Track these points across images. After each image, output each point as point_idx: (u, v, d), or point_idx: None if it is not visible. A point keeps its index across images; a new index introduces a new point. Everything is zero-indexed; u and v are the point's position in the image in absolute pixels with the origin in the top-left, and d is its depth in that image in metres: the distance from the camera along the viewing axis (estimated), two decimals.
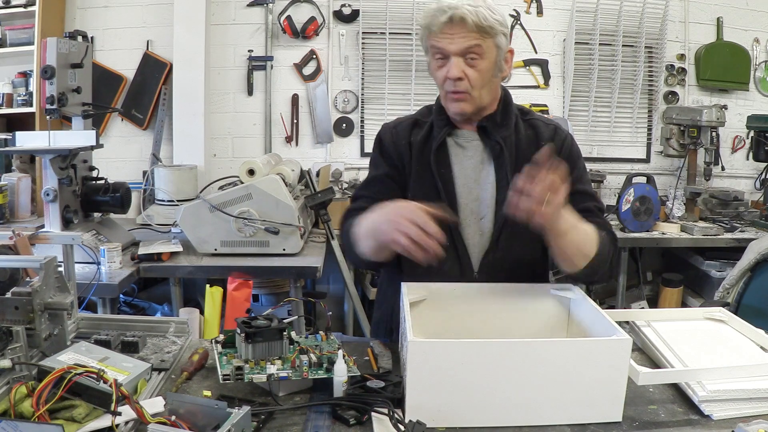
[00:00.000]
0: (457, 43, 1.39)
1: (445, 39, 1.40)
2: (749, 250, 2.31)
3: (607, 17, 3.74)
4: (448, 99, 1.46)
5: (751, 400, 1.15)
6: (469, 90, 1.43)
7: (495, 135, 1.50)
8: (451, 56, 1.40)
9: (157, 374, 1.26)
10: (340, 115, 3.74)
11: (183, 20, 3.47)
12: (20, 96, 3.43)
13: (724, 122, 3.42)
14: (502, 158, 1.49)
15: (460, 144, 1.54)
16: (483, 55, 1.41)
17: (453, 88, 1.43)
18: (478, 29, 1.38)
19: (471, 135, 1.54)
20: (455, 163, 1.52)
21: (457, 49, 1.39)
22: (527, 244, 1.50)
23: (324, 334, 1.35)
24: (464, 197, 1.51)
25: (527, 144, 1.52)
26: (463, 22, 1.37)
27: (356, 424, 1.10)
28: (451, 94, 1.44)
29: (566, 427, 1.11)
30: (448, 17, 1.38)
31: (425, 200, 1.46)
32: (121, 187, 2.64)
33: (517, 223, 1.43)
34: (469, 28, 1.38)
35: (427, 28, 1.43)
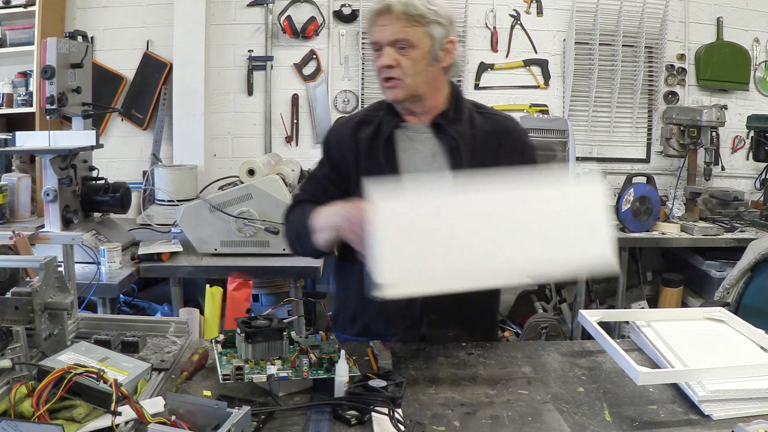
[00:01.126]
0: (386, 33, 1.44)
1: (377, 30, 1.45)
2: (749, 250, 2.31)
3: (607, 17, 3.74)
4: (383, 87, 1.50)
5: (751, 400, 1.15)
6: (402, 77, 1.45)
7: (449, 130, 1.51)
8: (384, 46, 1.44)
9: (157, 374, 1.26)
10: (340, 115, 3.74)
11: (183, 20, 3.47)
12: (20, 96, 3.43)
13: (724, 122, 3.41)
14: (457, 152, 1.50)
15: (409, 137, 1.55)
16: (413, 43, 1.44)
17: (385, 75, 1.46)
18: (406, 18, 1.42)
19: (421, 128, 1.55)
20: (404, 157, 1.53)
21: (386, 38, 1.44)
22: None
23: (324, 334, 1.35)
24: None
25: (484, 138, 1.53)
26: (390, 11, 1.42)
27: (357, 424, 1.10)
28: (384, 82, 1.48)
29: (566, 427, 1.11)
30: (379, 8, 1.44)
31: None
32: (121, 187, 2.64)
33: None
34: (396, 17, 1.42)
35: (366, 20, 1.50)
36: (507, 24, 3.74)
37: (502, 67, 3.76)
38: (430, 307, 1.51)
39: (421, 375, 1.32)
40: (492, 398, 1.22)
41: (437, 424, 1.12)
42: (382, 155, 1.51)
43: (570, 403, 1.20)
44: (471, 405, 1.19)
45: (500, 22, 3.73)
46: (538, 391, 1.25)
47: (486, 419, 1.14)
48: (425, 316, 1.52)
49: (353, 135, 1.56)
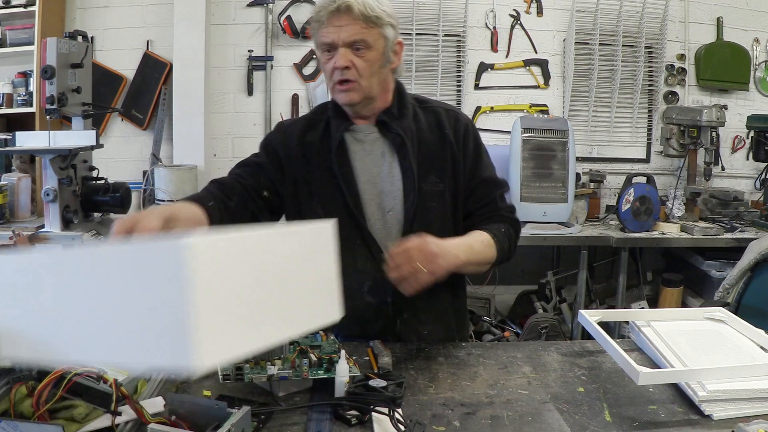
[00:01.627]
0: (344, 33, 1.40)
1: (332, 30, 1.40)
2: (749, 250, 2.31)
3: (607, 17, 3.74)
4: (335, 90, 1.46)
5: (751, 400, 1.15)
6: (357, 79, 1.43)
7: (394, 127, 1.50)
8: (339, 47, 1.41)
9: (157, 374, 1.26)
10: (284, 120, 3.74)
11: (183, 20, 3.47)
12: (20, 96, 3.43)
13: (724, 122, 3.41)
14: (404, 149, 1.49)
15: (358, 139, 1.53)
16: (369, 45, 1.42)
17: (340, 77, 1.43)
18: (364, 19, 1.39)
19: (368, 129, 1.53)
20: (356, 159, 1.51)
21: (343, 38, 1.40)
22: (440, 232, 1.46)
23: (324, 334, 1.35)
24: (368, 192, 1.51)
25: (429, 131, 1.53)
26: (349, 11, 1.39)
27: (357, 424, 1.10)
28: (338, 85, 1.44)
29: (566, 427, 1.11)
30: (335, 7, 1.39)
31: (331, 200, 1.50)
32: (121, 187, 2.64)
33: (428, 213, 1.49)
34: (355, 17, 1.39)
35: (316, 21, 1.44)
36: (507, 24, 3.74)
37: (502, 67, 3.76)
38: (402, 306, 1.50)
39: (421, 375, 1.32)
40: (492, 398, 1.22)
41: (437, 424, 1.12)
42: (335, 160, 1.49)
43: (570, 403, 1.20)
44: (471, 405, 1.19)
45: (500, 22, 3.73)
46: (538, 391, 1.25)
47: (486, 419, 1.14)
48: (398, 316, 1.52)
49: (300, 138, 1.54)
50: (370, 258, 1.49)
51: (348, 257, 1.46)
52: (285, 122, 1.64)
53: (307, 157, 1.52)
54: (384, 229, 1.50)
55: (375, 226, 1.50)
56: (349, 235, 1.47)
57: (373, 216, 1.50)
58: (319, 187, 1.51)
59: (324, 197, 1.50)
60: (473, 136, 1.57)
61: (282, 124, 1.63)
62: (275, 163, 1.55)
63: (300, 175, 1.52)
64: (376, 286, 1.49)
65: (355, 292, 1.49)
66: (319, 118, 1.57)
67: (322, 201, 1.50)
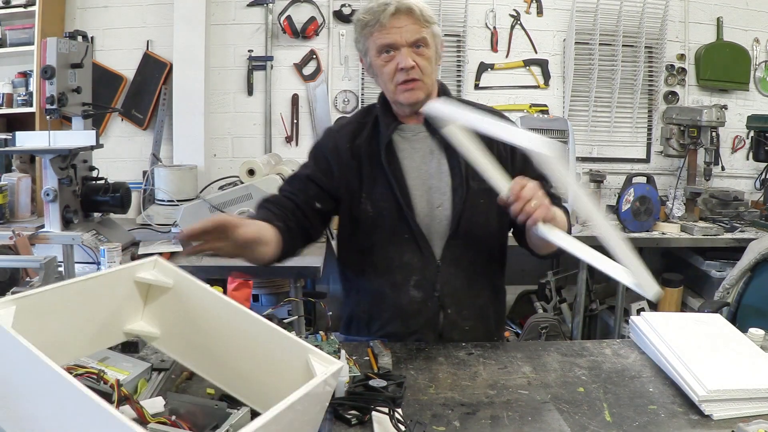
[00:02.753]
0: (407, 34, 1.43)
1: (394, 32, 1.43)
2: (749, 250, 2.31)
3: (607, 17, 3.74)
4: (399, 90, 1.48)
5: (751, 400, 1.16)
6: (421, 77, 1.46)
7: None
8: (401, 47, 1.43)
9: (157, 374, 1.26)
10: (340, 115, 3.74)
11: (183, 20, 3.47)
12: (20, 96, 3.43)
13: (724, 122, 3.41)
14: (452, 147, 1.49)
15: (406, 138, 1.56)
16: (428, 43, 1.46)
17: (406, 77, 1.45)
18: (422, 18, 1.44)
19: (416, 128, 1.56)
20: (404, 157, 1.54)
21: (406, 38, 1.43)
22: (486, 231, 1.55)
23: (324, 334, 1.35)
24: (418, 188, 1.53)
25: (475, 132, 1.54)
26: (410, 12, 1.42)
27: (357, 424, 1.10)
28: (403, 85, 1.46)
29: (566, 427, 1.11)
30: (394, 9, 1.41)
31: (380, 198, 1.53)
32: (121, 187, 2.64)
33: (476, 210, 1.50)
34: (415, 18, 1.43)
35: (368, 25, 1.45)
36: (507, 24, 3.74)
37: (502, 67, 3.76)
38: (446, 302, 1.53)
39: (421, 375, 1.32)
40: (492, 398, 1.22)
41: (437, 424, 1.12)
42: (384, 158, 1.52)
43: (570, 403, 1.20)
44: (471, 405, 1.19)
45: (500, 22, 3.73)
46: (538, 391, 1.25)
47: (486, 419, 1.14)
48: (442, 311, 1.53)
49: (350, 141, 1.57)
50: (418, 252, 1.52)
51: (395, 252, 1.52)
52: (333, 128, 1.67)
53: (357, 159, 1.55)
54: (432, 225, 1.53)
55: (423, 221, 1.52)
56: (397, 230, 1.52)
57: (422, 211, 1.53)
58: (369, 185, 1.54)
59: (374, 195, 1.53)
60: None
61: (330, 130, 1.66)
62: (325, 169, 1.57)
63: (351, 176, 1.55)
64: (423, 280, 1.52)
65: (401, 286, 1.52)
66: (366, 120, 1.59)
67: (371, 199, 1.53)
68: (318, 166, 1.58)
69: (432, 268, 1.52)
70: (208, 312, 1.12)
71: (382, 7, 1.42)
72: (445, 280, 1.52)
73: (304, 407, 0.88)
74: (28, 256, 1.94)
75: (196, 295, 1.13)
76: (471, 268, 1.54)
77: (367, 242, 1.57)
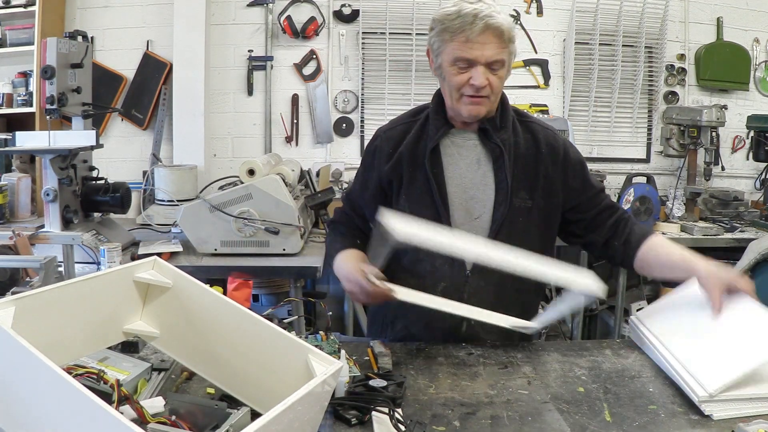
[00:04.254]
0: (488, 52, 1.39)
1: (476, 48, 1.39)
2: (749, 250, 2.32)
3: (607, 17, 3.74)
4: (463, 102, 1.46)
5: (751, 400, 1.16)
6: (489, 95, 1.44)
7: (495, 137, 1.50)
8: (478, 65, 1.40)
9: (157, 374, 1.26)
10: (340, 115, 3.74)
11: (183, 20, 3.47)
12: (20, 96, 3.43)
13: (724, 122, 3.42)
14: (501, 160, 1.50)
15: (456, 144, 1.54)
16: (504, 63, 1.43)
17: (473, 93, 1.43)
18: (507, 39, 1.41)
19: (468, 135, 1.54)
20: (449, 163, 1.53)
21: (486, 57, 1.40)
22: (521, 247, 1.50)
23: (324, 334, 1.35)
24: (458, 196, 1.52)
25: (526, 148, 1.53)
26: (499, 33, 1.38)
27: (357, 424, 1.10)
28: (468, 98, 1.44)
29: (566, 427, 1.11)
30: (484, 26, 1.37)
31: (419, 200, 1.52)
32: (121, 187, 2.64)
33: (514, 226, 1.47)
34: (503, 39, 1.40)
35: (451, 31, 1.40)
36: None
37: None
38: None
39: (421, 375, 1.32)
40: (492, 398, 1.22)
41: (437, 424, 1.12)
42: (427, 163, 1.51)
43: (570, 403, 1.20)
44: (471, 405, 1.19)
45: None
46: (538, 391, 1.25)
47: (486, 419, 1.14)
48: (465, 321, 1.52)
49: (397, 142, 1.57)
50: (449, 260, 1.50)
51: (426, 256, 1.50)
52: (382, 128, 1.66)
53: (399, 160, 1.55)
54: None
55: (459, 230, 1.51)
56: None
57: (459, 219, 1.51)
58: (409, 186, 1.54)
59: (412, 196, 1.53)
60: (573, 154, 1.58)
61: (379, 130, 1.66)
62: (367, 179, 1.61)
63: (394, 176, 1.55)
64: (450, 287, 1.51)
65: (429, 290, 1.51)
66: (416, 119, 1.59)
67: (410, 200, 1.53)
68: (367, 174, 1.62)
69: (461, 277, 1.51)
70: (208, 312, 1.12)
71: (471, 19, 1.37)
72: (472, 291, 1.51)
73: (304, 407, 0.88)
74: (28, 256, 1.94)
75: (195, 295, 1.14)
76: (501, 284, 1.51)
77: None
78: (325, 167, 3.53)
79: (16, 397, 0.86)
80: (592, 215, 1.58)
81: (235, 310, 1.08)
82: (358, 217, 1.67)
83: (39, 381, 0.81)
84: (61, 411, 0.80)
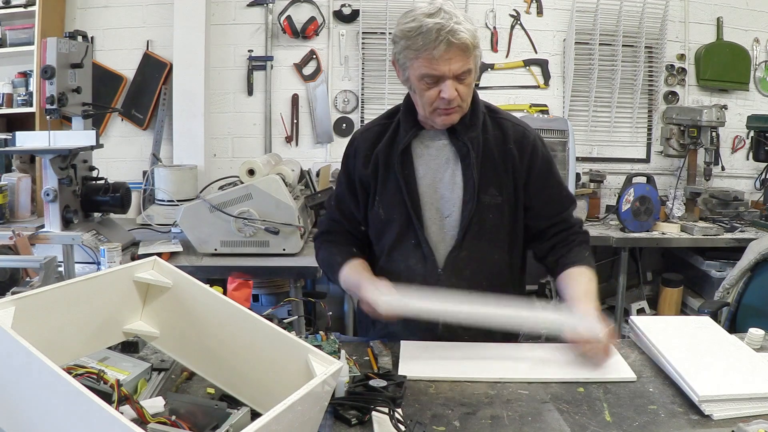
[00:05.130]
0: (454, 66, 1.38)
1: (443, 64, 1.38)
2: (749, 250, 2.31)
3: (607, 17, 3.74)
4: (436, 114, 1.46)
5: (751, 400, 1.16)
6: (460, 104, 1.45)
7: (463, 136, 1.51)
8: (446, 79, 1.40)
9: (157, 374, 1.26)
10: (340, 115, 3.74)
11: (183, 20, 3.47)
12: (20, 96, 3.43)
13: (724, 122, 3.41)
14: (468, 159, 1.51)
15: (425, 144, 1.56)
16: (471, 70, 1.43)
17: (446, 107, 1.43)
18: (471, 48, 1.39)
19: (437, 134, 1.55)
20: (420, 164, 1.54)
21: (453, 71, 1.39)
22: (493, 245, 1.55)
23: (324, 334, 1.35)
24: (428, 196, 1.54)
25: (494, 144, 1.54)
26: (464, 48, 1.37)
27: (357, 424, 1.10)
28: (441, 110, 1.45)
29: (566, 427, 1.11)
30: (446, 43, 1.35)
31: (392, 202, 1.54)
32: (121, 187, 2.64)
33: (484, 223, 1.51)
34: (467, 51, 1.39)
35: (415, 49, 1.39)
36: (507, 24, 3.74)
37: (502, 67, 3.76)
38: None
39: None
40: (492, 398, 1.22)
41: (437, 424, 1.12)
42: (397, 163, 1.52)
43: (570, 403, 1.20)
44: (471, 405, 1.19)
45: (500, 22, 3.73)
46: (538, 391, 1.25)
47: (486, 419, 1.14)
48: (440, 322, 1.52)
49: (372, 145, 1.58)
50: (422, 260, 1.53)
51: (400, 258, 1.55)
52: (359, 129, 1.69)
53: (375, 162, 1.56)
54: (439, 233, 1.54)
55: (430, 229, 1.53)
56: (405, 235, 1.54)
57: (429, 219, 1.53)
58: (382, 189, 1.56)
59: (386, 199, 1.55)
60: (541, 154, 1.58)
61: (356, 132, 1.68)
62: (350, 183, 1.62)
63: (368, 180, 1.57)
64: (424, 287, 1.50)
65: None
66: (390, 121, 1.60)
67: (383, 202, 1.55)
68: (348, 176, 1.63)
69: (434, 276, 1.52)
70: (208, 312, 1.12)
71: (434, 36, 1.35)
72: (445, 290, 1.51)
73: (304, 407, 0.88)
74: (28, 256, 1.94)
75: (195, 295, 1.14)
76: (474, 281, 1.52)
77: (376, 245, 1.62)
78: (325, 167, 3.53)
79: (16, 397, 0.86)
80: (541, 228, 1.61)
81: (235, 310, 1.08)
82: (347, 221, 1.66)
83: (39, 381, 0.81)
84: (61, 411, 0.80)
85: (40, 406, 0.83)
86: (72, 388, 0.76)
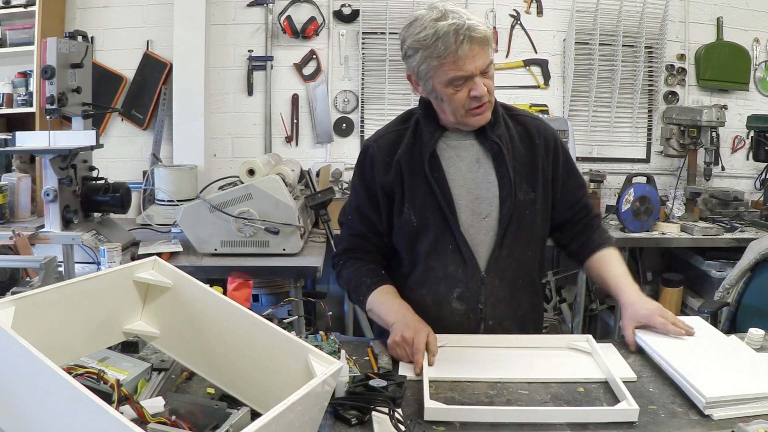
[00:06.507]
0: (479, 62, 1.39)
1: (469, 63, 1.38)
2: (749, 250, 2.31)
3: (607, 17, 3.74)
4: (469, 115, 1.45)
5: (751, 400, 1.15)
6: (490, 99, 1.45)
7: (491, 134, 1.51)
8: (476, 76, 1.40)
9: (157, 374, 1.26)
10: (340, 115, 3.75)
11: (183, 20, 3.47)
12: (20, 96, 3.43)
13: (724, 122, 3.41)
14: (501, 156, 1.50)
15: (452, 146, 1.54)
16: (492, 62, 1.44)
17: (478, 104, 1.43)
18: (489, 41, 1.41)
19: (463, 135, 1.54)
20: (449, 166, 1.52)
21: (479, 67, 1.40)
22: (528, 242, 1.55)
23: (324, 334, 1.35)
24: (463, 198, 1.51)
25: (520, 141, 1.55)
26: (484, 39, 1.38)
27: (357, 424, 1.10)
28: (474, 110, 1.44)
29: (566, 426, 1.11)
30: (468, 40, 1.36)
31: (423, 207, 1.50)
32: (121, 187, 2.64)
33: (522, 220, 1.49)
34: (487, 44, 1.40)
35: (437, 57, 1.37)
36: (507, 24, 3.74)
37: (502, 67, 3.76)
38: (488, 313, 1.52)
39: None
40: (492, 398, 1.22)
41: (437, 424, 1.12)
42: (428, 167, 1.49)
43: (570, 403, 1.20)
44: (471, 405, 1.19)
45: (500, 22, 3.73)
46: (538, 391, 1.25)
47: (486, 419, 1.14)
48: (483, 322, 1.52)
49: (389, 153, 1.54)
50: (462, 264, 1.50)
51: (438, 263, 1.51)
52: (370, 138, 1.62)
53: (398, 168, 1.53)
54: (477, 236, 1.51)
55: (468, 231, 1.50)
56: (441, 241, 1.50)
57: (466, 222, 1.51)
58: (411, 195, 1.52)
59: (416, 205, 1.51)
60: (562, 147, 1.60)
61: (368, 141, 1.61)
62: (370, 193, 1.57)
63: (394, 188, 1.53)
64: (466, 292, 1.50)
65: (444, 298, 1.51)
66: (405, 127, 1.57)
67: (414, 208, 1.51)
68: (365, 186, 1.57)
69: (476, 280, 1.50)
70: (208, 312, 1.12)
71: (453, 38, 1.34)
72: (489, 292, 1.50)
73: (304, 407, 0.88)
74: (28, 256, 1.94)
75: (195, 295, 1.14)
76: (514, 280, 1.53)
77: (409, 254, 1.56)
78: (325, 167, 3.53)
79: (16, 397, 0.86)
80: (567, 217, 1.62)
81: (235, 310, 1.08)
82: (372, 233, 1.60)
83: (39, 381, 0.81)
84: (61, 411, 0.80)
85: (40, 406, 0.83)
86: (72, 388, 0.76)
